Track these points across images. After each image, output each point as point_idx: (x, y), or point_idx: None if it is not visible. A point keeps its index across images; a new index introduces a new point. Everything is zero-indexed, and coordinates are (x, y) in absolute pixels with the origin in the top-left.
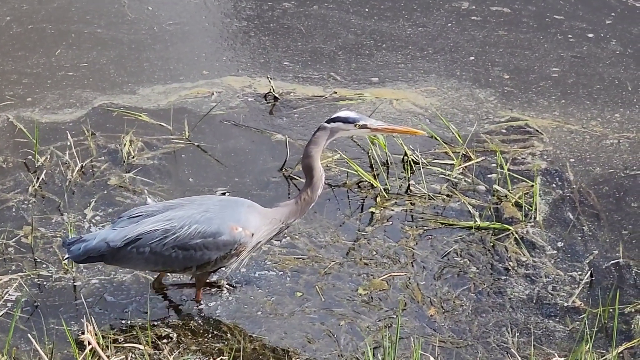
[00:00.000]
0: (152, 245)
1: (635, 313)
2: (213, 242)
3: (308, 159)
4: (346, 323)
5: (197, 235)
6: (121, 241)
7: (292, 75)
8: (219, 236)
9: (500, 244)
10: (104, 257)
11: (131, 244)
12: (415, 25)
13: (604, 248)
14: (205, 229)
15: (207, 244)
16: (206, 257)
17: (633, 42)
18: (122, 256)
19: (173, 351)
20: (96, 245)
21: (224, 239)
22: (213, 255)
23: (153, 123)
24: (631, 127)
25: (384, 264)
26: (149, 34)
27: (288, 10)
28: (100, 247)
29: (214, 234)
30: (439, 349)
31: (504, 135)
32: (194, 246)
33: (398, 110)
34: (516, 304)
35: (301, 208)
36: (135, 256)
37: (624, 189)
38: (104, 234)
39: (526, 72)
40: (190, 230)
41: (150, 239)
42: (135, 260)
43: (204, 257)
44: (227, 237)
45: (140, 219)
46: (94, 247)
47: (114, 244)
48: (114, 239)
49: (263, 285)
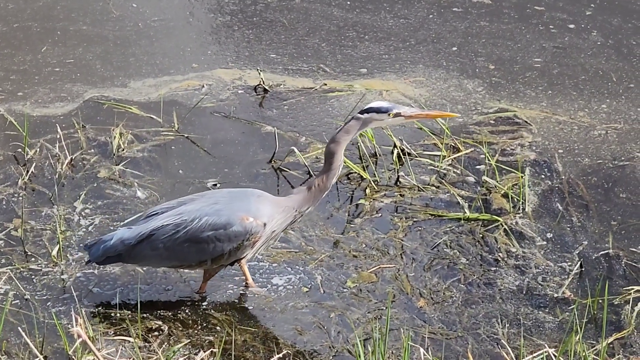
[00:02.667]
0: (164, 240)
1: (625, 304)
2: (224, 234)
3: (334, 144)
4: (336, 315)
5: (207, 227)
6: (135, 239)
7: (282, 68)
8: (229, 227)
9: (489, 235)
10: (121, 256)
11: (144, 241)
12: (397, 17)
13: (593, 239)
14: (216, 221)
15: (218, 235)
16: (219, 250)
17: (614, 33)
18: (137, 253)
19: (163, 343)
20: (113, 244)
21: (235, 230)
22: (226, 246)
23: (143, 115)
24: (618, 118)
25: (372, 256)
26: (134, 30)
27: (270, 4)
28: (116, 246)
29: (225, 225)
30: (429, 340)
31: (493, 126)
32: (206, 239)
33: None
34: (506, 295)
35: (314, 195)
36: (150, 253)
37: (613, 180)
38: (120, 233)
39: (509, 63)
40: (200, 222)
41: (163, 234)
42: (151, 257)
43: (216, 250)
44: (238, 227)
45: (155, 217)
46: (111, 247)
47: (129, 241)
48: (129, 237)
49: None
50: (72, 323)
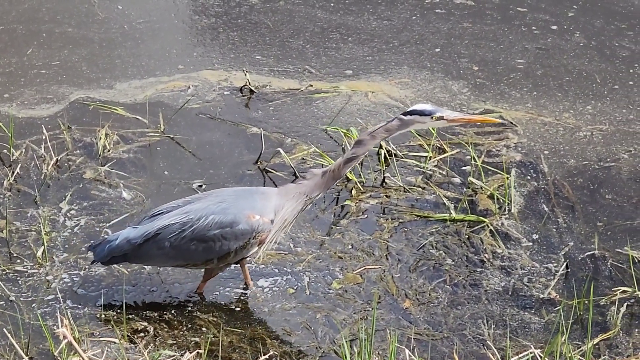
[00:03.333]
0: (171, 239)
1: (611, 304)
2: (231, 232)
3: (369, 137)
4: (322, 316)
5: (214, 226)
6: (141, 238)
7: (268, 69)
8: (236, 225)
9: (475, 236)
10: (127, 255)
11: (151, 240)
12: (380, 19)
13: (579, 240)
14: (222, 219)
15: (225, 234)
16: (225, 248)
17: (596, 34)
18: (143, 253)
19: (149, 344)
20: (119, 244)
21: (241, 228)
22: (232, 245)
23: (129, 116)
24: (604, 119)
25: (358, 257)
26: (119, 32)
27: (255, 6)
28: (122, 246)
29: (231, 223)
30: (415, 341)
31: (478, 127)
32: (212, 237)
33: (373, 103)
34: (492, 296)
35: (326, 181)
36: (156, 252)
37: (598, 181)
38: (126, 232)
39: (493, 64)
40: (207, 221)
41: (169, 233)
42: (157, 256)
43: (223, 248)
44: (244, 225)
45: (161, 216)
46: (117, 247)
47: (135, 241)
48: (135, 236)
49: (240, 278)
50: (57, 324)
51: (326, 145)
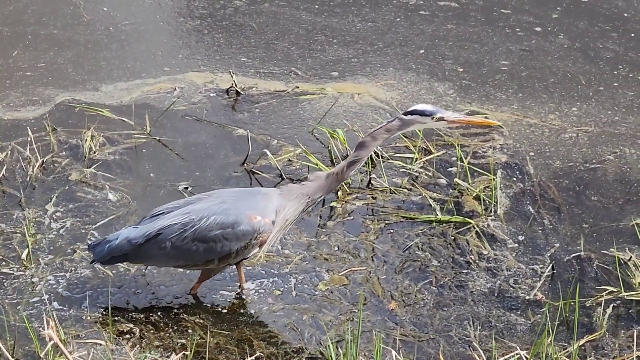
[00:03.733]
0: (172, 239)
1: (597, 306)
2: (232, 233)
3: (371, 139)
4: (309, 317)
5: (215, 226)
6: (142, 237)
7: (254, 71)
8: (237, 226)
9: (461, 237)
10: (127, 255)
11: (152, 240)
12: (364, 21)
13: (565, 241)
14: (224, 220)
15: (226, 234)
16: (227, 249)
17: (580, 36)
18: (144, 253)
19: (135, 346)
20: (119, 244)
21: (242, 229)
22: (234, 246)
23: (115, 118)
24: (589, 121)
25: (344, 258)
26: (105, 34)
27: (239, 8)
28: (123, 245)
29: (233, 224)
30: (401, 342)
31: (464, 129)
32: (214, 238)
33: (359, 105)
34: (477, 297)
35: (330, 184)
36: (157, 252)
37: (584, 182)
38: (126, 232)
39: (477, 66)
40: (208, 222)
41: (170, 233)
42: (158, 256)
43: (224, 249)
44: (245, 226)
45: (161, 216)
46: (117, 247)
47: (136, 241)
48: (135, 236)
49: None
50: (43, 326)
51: (312, 146)
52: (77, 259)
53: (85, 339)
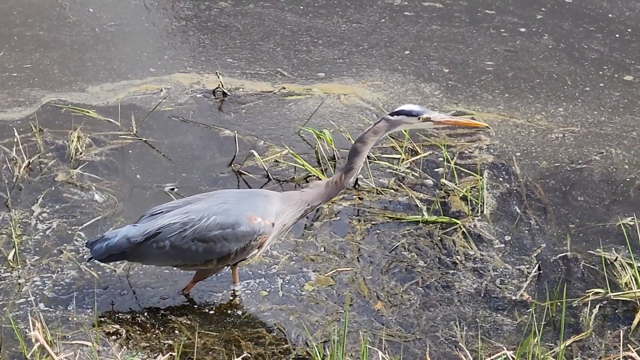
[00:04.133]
0: (171, 238)
1: (583, 306)
2: (232, 233)
3: (361, 144)
4: (295, 318)
5: (215, 226)
6: (141, 236)
7: (240, 72)
8: (237, 227)
9: (448, 237)
10: (125, 253)
11: (151, 239)
12: (349, 22)
13: (551, 241)
14: (224, 220)
15: (226, 235)
16: (226, 249)
17: (565, 36)
18: (142, 252)
19: (122, 347)
20: (117, 242)
21: (242, 230)
22: (233, 246)
23: (101, 119)
24: (575, 121)
25: (331, 259)
26: (90, 35)
27: (225, 9)
28: (121, 244)
29: (233, 225)
30: (387, 343)
31: (451, 129)
32: (213, 238)
33: (345, 105)
34: (464, 297)
35: (329, 192)
36: (156, 251)
37: (570, 183)
38: (125, 230)
39: (462, 66)
40: (209, 222)
41: (170, 232)
42: (156, 256)
43: (223, 249)
44: (245, 227)
45: (160, 215)
46: (116, 245)
47: (135, 239)
48: (135, 234)
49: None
50: (29, 327)
51: (299, 147)
52: (64, 260)
53: (71, 340)
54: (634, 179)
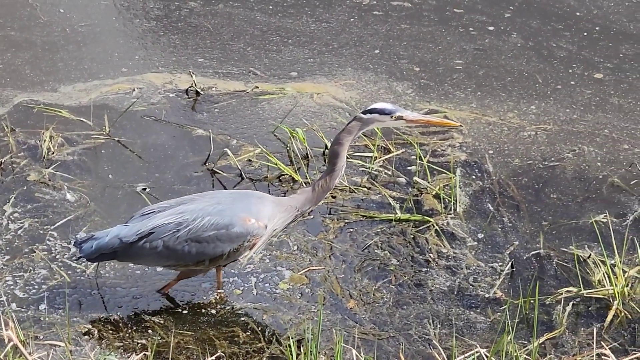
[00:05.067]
0: (165, 238)
1: (556, 303)
2: (226, 234)
3: (337, 146)
4: (269, 316)
5: (210, 227)
6: (134, 235)
7: (212, 71)
8: (231, 228)
9: (420, 236)
10: (117, 253)
11: (144, 239)
12: (318, 21)
13: (524, 239)
14: (218, 221)
15: (220, 236)
16: (219, 250)
17: (533, 35)
18: (134, 252)
19: (95, 347)
20: (109, 242)
21: (236, 231)
22: (226, 247)
23: (73, 119)
24: (547, 119)
25: (303, 258)
26: (61, 35)
27: (194, 9)
28: (113, 243)
29: (227, 225)
30: (361, 341)
31: (423, 127)
32: (207, 238)
33: (318, 104)
34: (437, 295)
35: (317, 195)
36: (148, 251)
37: (543, 180)
38: (116, 230)
39: (432, 65)
40: (203, 222)
41: (163, 232)
42: (148, 256)
43: (216, 250)
44: (239, 228)
45: (152, 215)
46: (107, 244)
47: (127, 239)
48: (127, 234)
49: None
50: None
51: (272, 146)
52: (36, 260)
53: (43, 340)
54: (606, 177)
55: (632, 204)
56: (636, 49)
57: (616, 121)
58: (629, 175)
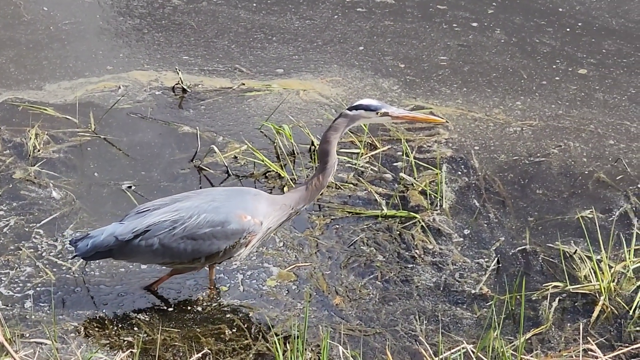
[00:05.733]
0: (160, 236)
1: (543, 299)
2: (222, 231)
3: (326, 144)
4: (255, 313)
5: (205, 224)
6: (130, 233)
7: (198, 69)
8: (227, 225)
9: (407, 232)
10: (112, 251)
11: (140, 236)
12: (302, 18)
13: (510, 235)
14: (214, 218)
15: (215, 233)
16: (215, 247)
17: (516, 31)
18: (130, 249)
19: (81, 345)
20: (104, 240)
21: (232, 228)
22: (222, 244)
23: (59, 117)
24: (533, 115)
25: (289, 254)
26: (45, 33)
27: (178, 7)
28: (108, 241)
29: (223, 222)
30: (348, 337)
31: (409, 124)
32: (203, 236)
33: (304, 101)
34: (423, 292)
35: (311, 194)
36: (144, 249)
37: (529, 176)
38: (112, 228)
39: (417, 61)
40: (199, 219)
41: (159, 229)
42: (144, 253)
43: (212, 247)
44: (235, 225)
45: (148, 213)
46: (102, 242)
47: (122, 237)
48: (122, 232)
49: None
50: None
51: (258, 142)
52: (22, 257)
53: (29, 338)
54: (592, 172)
55: (617, 200)
56: (618, 45)
57: (601, 117)
58: (614, 171)
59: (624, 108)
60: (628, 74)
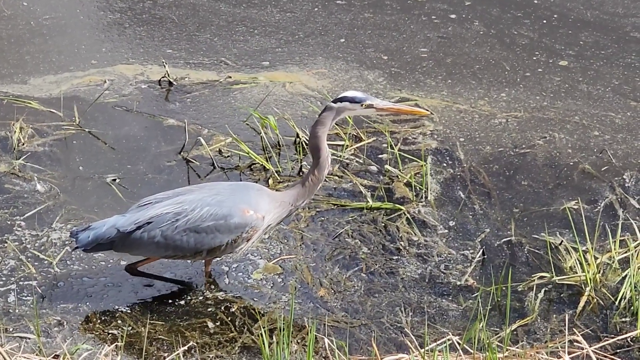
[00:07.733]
0: (163, 228)
1: (528, 290)
2: (225, 225)
3: (315, 139)
4: (240, 306)
5: (208, 217)
6: (132, 225)
7: (183, 62)
8: (230, 219)
9: (392, 224)
10: (114, 243)
11: (142, 228)
12: (283, 11)
13: (496, 226)
14: (217, 211)
15: (218, 226)
16: (217, 241)
17: (494, 22)
18: (132, 242)
19: (66, 339)
20: (106, 231)
21: (235, 222)
22: (224, 238)
23: (44, 110)
24: (518, 106)
25: (274, 247)
26: (26, 28)
27: (158, 1)
28: (110, 233)
29: (226, 216)
30: (333, 329)
31: (395, 115)
32: (206, 229)
33: (290, 93)
34: (409, 283)
35: (309, 189)
36: (146, 241)
37: (514, 167)
38: (113, 220)
39: (398, 53)
40: (202, 212)
41: (162, 222)
42: (146, 246)
43: (214, 241)
44: (238, 219)
45: (150, 205)
46: (104, 234)
47: (124, 229)
48: (124, 224)
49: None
50: None
51: (243, 135)
52: (7, 251)
53: (13, 332)
54: (577, 163)
55: (603, 191)
56: (595, 37)
57: (586, 108)
58: (599, 162)
59: (608, 99)
60: (609, 66)
